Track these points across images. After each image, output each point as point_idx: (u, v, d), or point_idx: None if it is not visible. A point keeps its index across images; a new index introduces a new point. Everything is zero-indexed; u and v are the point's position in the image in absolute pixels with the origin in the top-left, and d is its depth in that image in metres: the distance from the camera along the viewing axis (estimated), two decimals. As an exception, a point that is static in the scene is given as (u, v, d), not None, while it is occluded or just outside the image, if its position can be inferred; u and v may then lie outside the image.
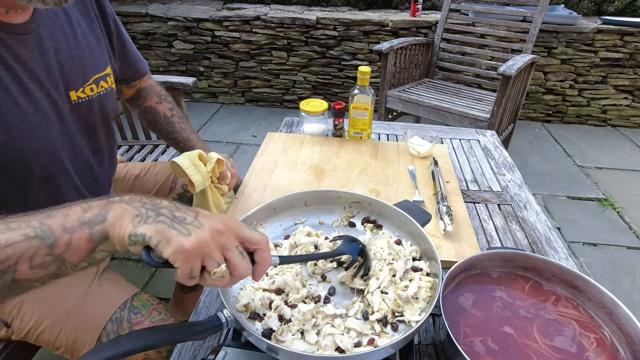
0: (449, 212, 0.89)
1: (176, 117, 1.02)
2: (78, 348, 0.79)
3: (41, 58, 0.69)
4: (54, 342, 0.80)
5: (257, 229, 0.76)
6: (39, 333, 0.80)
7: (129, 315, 0.80)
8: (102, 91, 0.81)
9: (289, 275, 0.64)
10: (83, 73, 0.77)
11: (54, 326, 0.79)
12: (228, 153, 2.72)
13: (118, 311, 0.80)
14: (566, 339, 0.59)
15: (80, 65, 0.76)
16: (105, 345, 0.45)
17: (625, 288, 1.78)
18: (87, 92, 0.78)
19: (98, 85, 0.80)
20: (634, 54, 2.95)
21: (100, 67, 0.81)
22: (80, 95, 0.76)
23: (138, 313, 0.81)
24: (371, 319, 0.60)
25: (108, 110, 0.85)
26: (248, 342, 0.60)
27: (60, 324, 0.79)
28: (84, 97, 0.77)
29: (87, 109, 0.79)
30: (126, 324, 0.79)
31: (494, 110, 2.00)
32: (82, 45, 0.77)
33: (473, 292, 0.67)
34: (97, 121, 0.84)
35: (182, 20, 3.12)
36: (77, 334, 0.79)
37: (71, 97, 0.75)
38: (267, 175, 1.06)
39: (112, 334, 0.79)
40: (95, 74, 0.80)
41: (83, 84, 0.77)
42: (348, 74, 3.25)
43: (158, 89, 1.05)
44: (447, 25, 2.59)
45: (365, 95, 1.16)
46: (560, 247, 0.88)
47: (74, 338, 0.79)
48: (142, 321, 0.80)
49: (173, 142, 1.04)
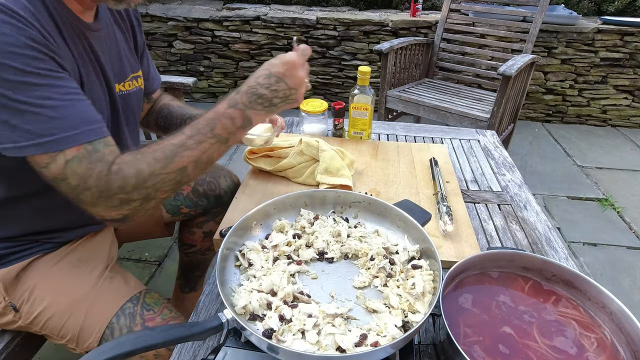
0: (449, 212, 0.89)
1: (188, 106, 1.10)
2: (84, 337, 0.80)
3: (103, 54, 0.78)
4: (60, 330, 0.81)
5: (256, 228, 0.76)
6: (47, 319, 0.81)
7: (141, 311, 0.81)
8: (134, 88, 0.90)
9: (276, 275, 0.65)
10: (124, 70, 0.87)
11: (62, 313, 0.80)
12: (228, 153, 2.73)
13: (131, 306, 0.81)
14: (566, 339, 0.59)
15: (122, 63, 0.86)
16: (106, 346, 0.45)
17: (625, 288, 1.78)
18: (126, 86, 0.88)
19: (132, 83, 0.90)
20: (634, 54, 2.95)
21: (135, 68, 0.91)
22: (122, 88, 0.86)
23: (150, 310, 0.82)
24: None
25: (137, 102, 0.94)
26: (248, 342, 0.60)
27: (69, 311, 0.80)
28: (124, 90, 0.87)
29: (128, 100, 0.89)
30: (139, 319, 0.80)
31: (494, 110, 2.00)
32: (121, 47, 0.87)
33: (473, 292, 0.67)
34: (136, 113, 0.94)
35: (182, 20, 3.12)
36: (85, 323, 0.80)
37: (116, 89, 0.84)
38: (267, 175, 1.06)
39: (124, 328, 0.79)
40: (132, 73, 0.90)
41: (124, 79, 0.87)
42: (348, 74, 3.25)
43: (169, 95, 1.15)
44: (447, 25, 2.59)
45: (365, 95, 1.16)
46: (560, 247, 0.88)
47: (81, 326, 0.80)
48: (154, 317, 0.81)
49: (187, 119, 1.10)
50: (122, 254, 1.87)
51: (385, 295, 0.64)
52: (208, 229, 1.24)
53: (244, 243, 0.72)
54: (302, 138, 1.06)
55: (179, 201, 1.13)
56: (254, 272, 0.67)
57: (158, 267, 1.83)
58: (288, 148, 1.06)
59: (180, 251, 1.34)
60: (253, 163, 1.07)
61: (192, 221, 1.23)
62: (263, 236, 0.76)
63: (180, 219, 1.20)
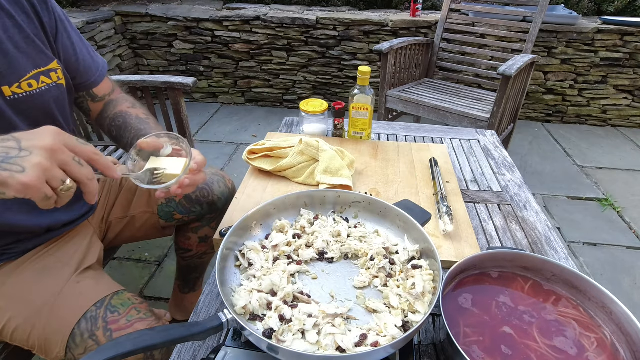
0: (449, 212, 0.89)
1: (152, 119, 0.95)
2: (50, 347, 0.77)
3: None
4: (27, 340, 0.78)
5: (256, 228, 0.76)
6: (12, 331, 0.78)
7: (104, 314, 0.77)
8: (45, 86, 0.77)
9: (276, 275, 0.65)
10: (16, 66, 0.72)
11: (26, 324, 0.77)
12: (228, 153, 2.73)
13: (94, 309, 0.77)
14: (566, 339, 0.59)
15: (10, 58, 0.72)
16: (105, 346, 0.45)
17: (625, 288, 1.78)
18: (24, 87, 0.74)
19: (39, 81, 0.76)
20: (634, 54, 2.95)
21: (42, 60, 0.77)
22: (16, 90, 0.73)
23: (115, 312, 0.78)
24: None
25: (53, 104, 0.80)
26: (248, 342, 0.60)
27: (32, 321, 0.77)
28: (21, 93, 0.73)
29: (32, 103, 0.75)
30: (101, 322, 0.76)
31: (494, 110, 2.00)
32: (16, 40, 0.72)
33: (473, 292, 0.67)
34: (55, 113, 0.81)
35: (182, 20, 3.12)
36: (48, 332, 0.77)
37: (4, 93, 0.71)
38: (267, 175, 1.06)
39: (86, 333, 0.75)
40: (35, 69, 0.75)
41: (19, 79, 0.73)
42: (348, 74, 3.25)
43: (131, 99, 0.99)
44: (447, 25, 2.59)
45: (365, 95, 1.16)
46: (560, 247, 0.88)
47: (45, 336, 0.77)
48: (118, 320, 0.77)
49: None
50: (122, 254, 1.87)
51: (385, 295, 0.64)
52: (203, 234, 1.22)
53: (244, 243, 0.72)
54: (302, 138, 1.06)
55: (171, 207, 1.10)
56: (254, 272, 0.67)
57: (158, 267, 1.83)
58: (288, 148, 1.06)
59: (178, 255, 1.33)
60: (253, 163, 1.07)
61: (187, 226, 1.20)
62: (263, 236, 0.76)
63: (174, 224, 1.17)
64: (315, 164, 1.03)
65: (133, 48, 3.31)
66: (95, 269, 0.89)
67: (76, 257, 0.87)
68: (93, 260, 0.90)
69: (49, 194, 0.48)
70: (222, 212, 0.91)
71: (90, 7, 3.18)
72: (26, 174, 0.45)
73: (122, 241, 1.15)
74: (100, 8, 3.16)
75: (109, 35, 3.03)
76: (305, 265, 0.71)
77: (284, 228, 0.76)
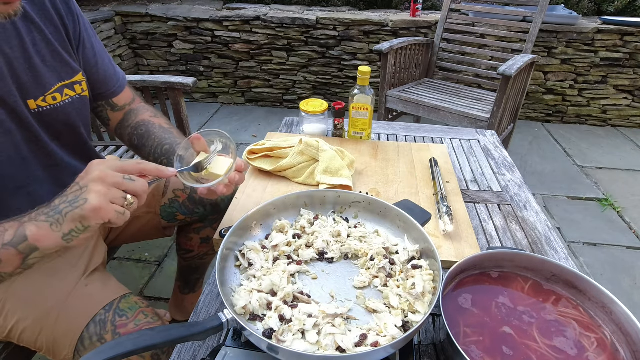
0: (449, 212, 0.89)
1: (175, 129, 0.97)
2: (59, 349, 0.77)
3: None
4: (35, 342, 0.79)
5: (256, 228, 0.76)
6: (20, 332, 0.79)
7: (113, 318, 0.77)
8: (68, 99, 0.79)
9: (276, 275, 0.65)
10: (41, 80, 0.74)
11: (34, 325, 0.78)
12: (228, 153, 2.73)
13: (102, 312, 0.78)
14: (566, 339, 0.59)
15: (36, 72, 0.73)
16: (106, 346, 0.45)
17: (625, 288, 1.78)
18: (48, 100, 0.75)
19: (63, 94, 0.78)
20: (634, 54, 2.95)
21: (67, 73, 0.78)
22: (41, 104, 0.75)
23: (123, 316, 0.78)
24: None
25: (76, 116, 0.82)
26: (248, 342, 0.60)
27: (41, 323, 0.78)
28: (46, 106, 0.75)
29: (56, 116, 0.77)
30: (110, 326, 0.77)
31: (494, 110, 2.00)
32: (34, 51, 0.73)
33: (473, 292, 0.67)
34: (78, 125, 0.83)
35: (182, 20, 3.12)
36: (57, 335, 0.77)
37: (30, 106, 0.73)
38: (267, 175, 1.06)
39: (94, 336, 0.76)
40: (60, 81, 0.77)
41: (45, 92, 0.75)
42: (348, 74, 3.25)
43: (152, 108, 1.00)
44: (447, 25, 2.59)
45: (365, 95, 1.16)
46: (560, 247, 0.88)
47: (54, 338, 0.77)
48: (127, 324, 0.78)
49: (167, 148, 0.96)
50: (122, 254, 1.87)
51: (385, 295, 0.64)
52: (205, 235, 1.22)
53: (244, 243, 0.72)
54: (302, 138, 1.06)
55: (174, 208, 1.10)
56: (254, 272, 0.67)
57: (158, 267, 1.83)
58: (288, 148, 1.06)
59: (179, 255, 1.33)
60: (253, 163, 1.07)
61: (189, 227, 1.20)
62: (263, 236, 0.76)
63: (176, 225, 1.17)
64: (315, 164, 1.03)
65: (133, 48, 3.32)
66: (101, 271, 0.90)
67: (84, 259, 0.88)
68: (99, 261, 0.91)
69: (119, 210, 0.58)
70: (225, 213, 0.92)
71: (90, 7, 3.18)
72: (89, 202, 0.55)
73: (123, 241, 1.15)
74: (100, 8, 3.17)
75: (109, 35, 3.03)
76: (305, 266, 0.71)
77: (284, 228, 0.76)
